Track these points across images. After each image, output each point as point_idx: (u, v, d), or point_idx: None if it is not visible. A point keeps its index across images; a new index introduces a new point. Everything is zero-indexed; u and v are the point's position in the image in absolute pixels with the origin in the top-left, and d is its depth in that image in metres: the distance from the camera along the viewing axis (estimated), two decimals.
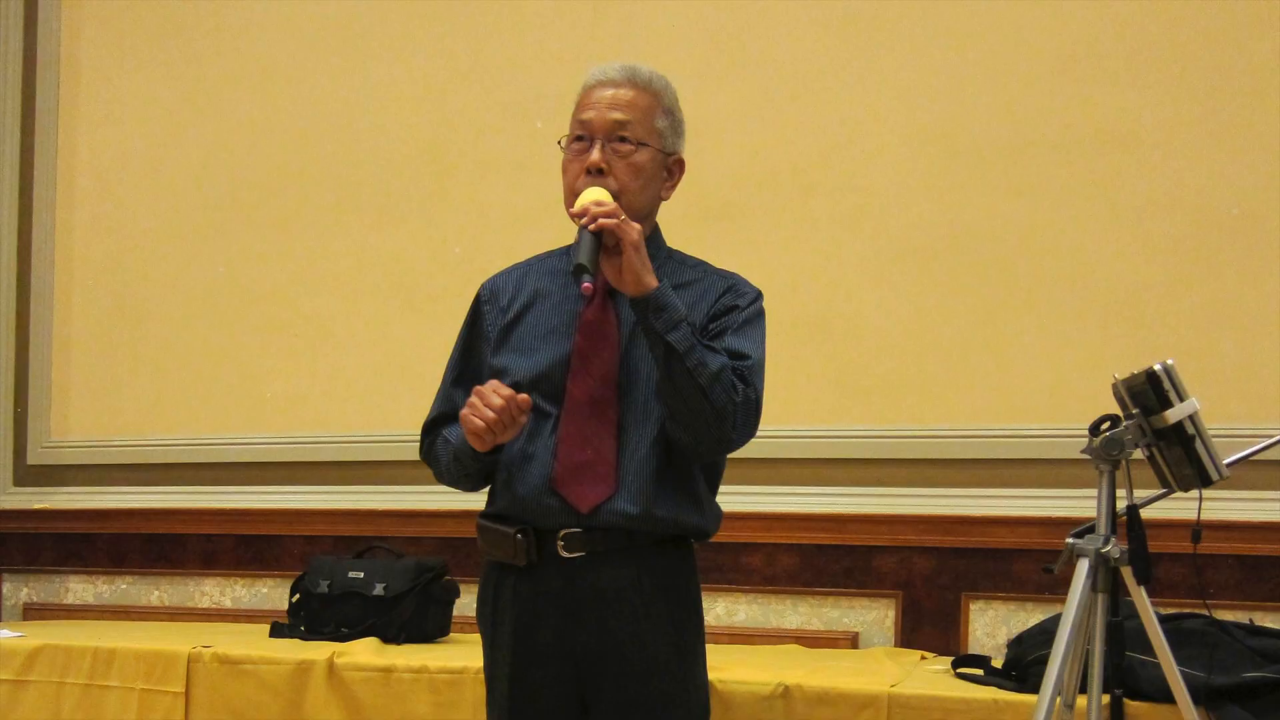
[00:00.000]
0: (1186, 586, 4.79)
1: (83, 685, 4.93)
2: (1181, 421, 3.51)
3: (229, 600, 6.41)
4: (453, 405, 3.55)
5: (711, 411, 3.24)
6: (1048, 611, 4.90)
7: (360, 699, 4.57)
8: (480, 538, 3.51)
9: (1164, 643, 3.56)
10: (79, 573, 6.71)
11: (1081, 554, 3.59)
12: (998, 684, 4.15)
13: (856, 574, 5.37)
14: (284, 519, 6.30)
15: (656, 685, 3.37)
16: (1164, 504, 3.73)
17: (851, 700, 4.10)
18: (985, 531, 5.20)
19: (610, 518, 3.34)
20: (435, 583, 5.27)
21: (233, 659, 4.78)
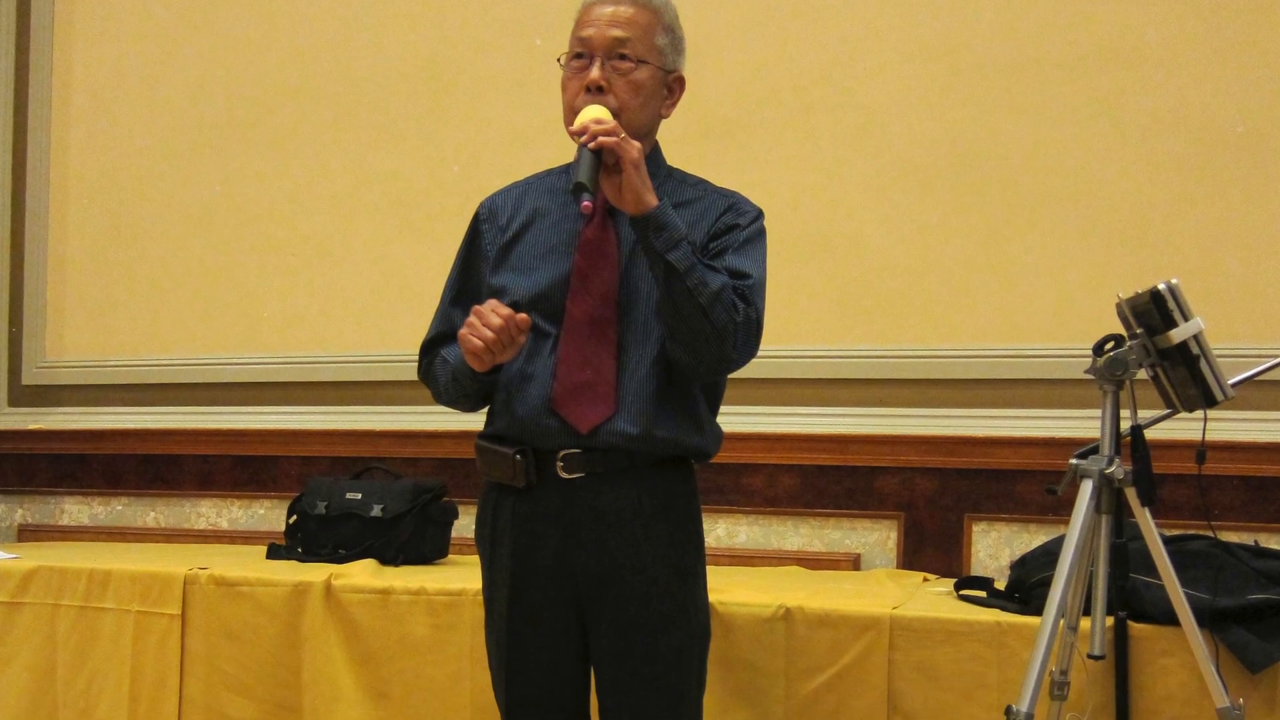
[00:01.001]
0: (1191, 508, 4.77)
1: (78, 607, 4.92)
2: (1186, 341, 3.51)
3: (225, 522, 6.40)
4: (451, 325, 3.54)
5: (712, 331, 3.23)
6: (1051, 533, 4.91)
7: (358, 621, 4.55)
8: (479, 459, 3.50)
9: (1168, 564, 3.54)
10: (74, 494, 6.70)
11: (1085, 475, 3.58)
12: (1000, 606, 4.12)
13: (858, 495, 5.35)
14: (281, 440, 6.28)
15: (656, 607, 3.36)
16: (1168, 424, 3.73)
17: (853, 622, 4.08)
18: (988, 452, 5.17)
19: (610, 438, 3.33)
20: (433, 504, 5.25)
21: (229, 581, 4.76)
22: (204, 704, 4.70)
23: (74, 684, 4.88)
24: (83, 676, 4.87)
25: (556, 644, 3.44)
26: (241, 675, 4.68)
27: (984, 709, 3.92)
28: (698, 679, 3.49)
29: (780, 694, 4.13)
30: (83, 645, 4.89)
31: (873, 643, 4.04)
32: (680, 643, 3.39)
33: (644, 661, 3.37)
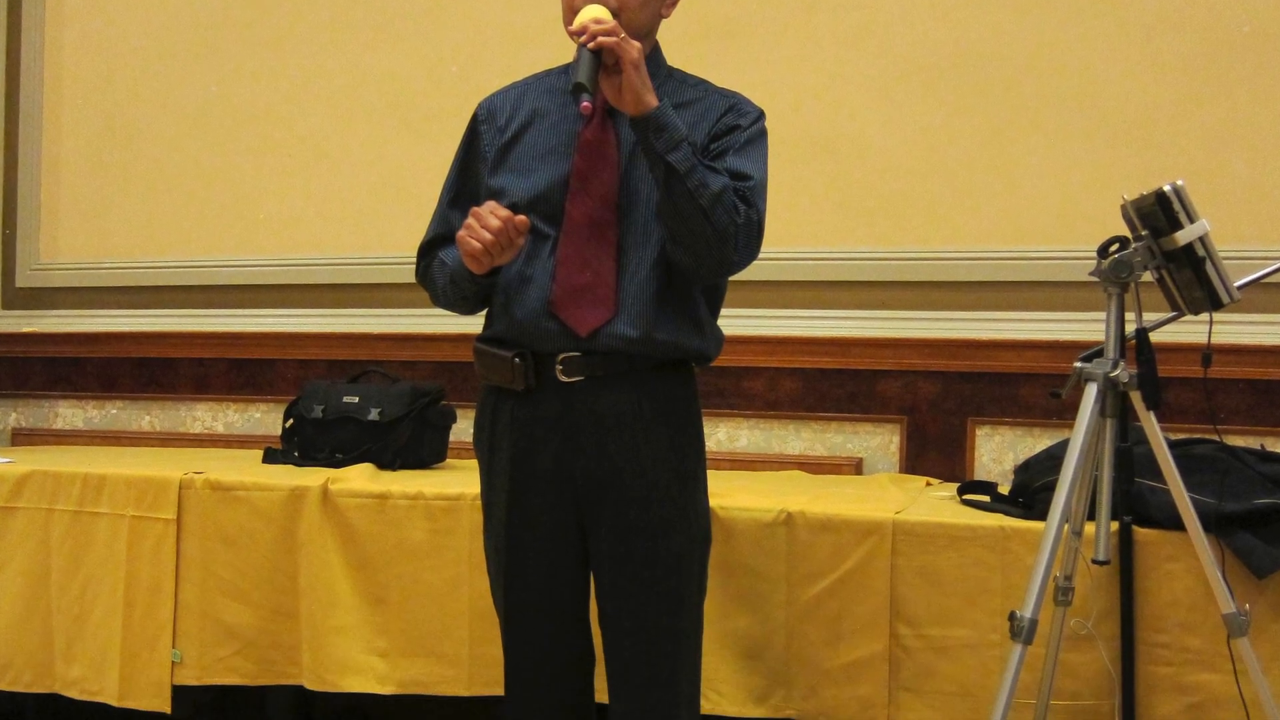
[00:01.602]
0: (1196, 411, 4.76)
1: (72, 512, 4.88)
2: (1191, 243, 3.49)
3: (221, 425, 6.37)
4: (449, 227, 3.54)
5: (713, 233, 3.21)
6: (1055, 437, 4.88)
7: (355, 526, 4.53)
8: (477, 362, 3.49)
9: (1174, 469, 3.53)
10: (68, 397, 6.68)
11: (1090, 378, 3.57)
12: (1004, 511, 4.10)
13: (860, 399, 5.32)
14: (277, 342, 6.24)
15: (656, 511, 3.36)
16: (1174, 327, 3.73)
17: (855, 527, 4.06)
18: (991, 355, 5.14)
19: (610, 341, 3.32)
20: (431, 408, 5.22)
21: (225, 485, 4.73)
22: (199, 609, 4.68)
23: (68, 589, 4.86)
24: (77, 582, 4.84)
25: (555, 549, 3.44)
26: (237, 580, 4.65)
27: (987, 614, 3.91)
28: (698, 584, 3.48)
29: (781, 599, 4.12)
30: (77, 550, 4.86)
31: (875, 548, 4.03)
32: (680, 547, 3.39)
33: (644, 566, 3.37)
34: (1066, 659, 3.81)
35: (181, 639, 4.69)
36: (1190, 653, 3.78)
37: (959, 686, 3.93)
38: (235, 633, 4.66)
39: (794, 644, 4.10)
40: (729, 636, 4.14)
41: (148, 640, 4.73)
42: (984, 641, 3.91)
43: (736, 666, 4.14)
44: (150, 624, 4.73)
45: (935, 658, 3.97)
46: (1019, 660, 3.42)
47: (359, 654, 4.48)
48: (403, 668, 4.47)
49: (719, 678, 4.11)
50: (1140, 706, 3.80)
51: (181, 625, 4.70)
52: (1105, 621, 3.82)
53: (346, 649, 4.49)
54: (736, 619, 4.14)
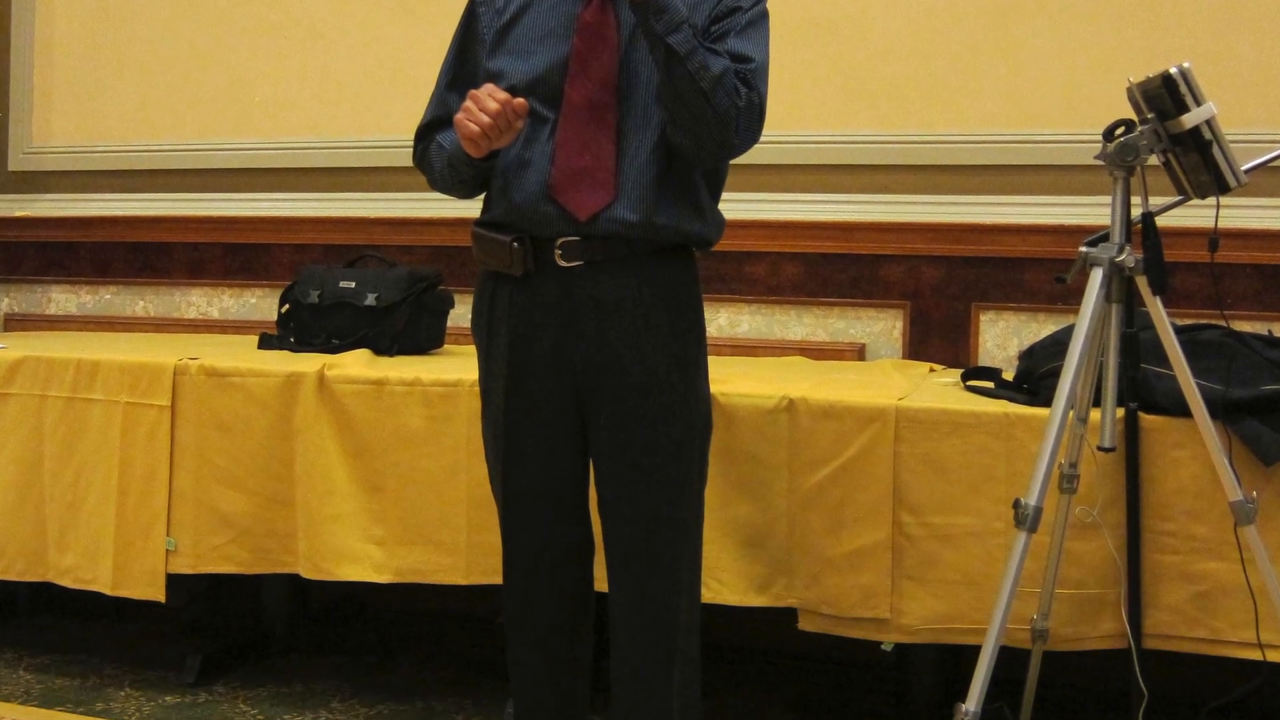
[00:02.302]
0: (1203, 296, 4.73)
1: (65, 398, 4.85)
2: (1198, 126, 3.44)
3: (216, 311, 6.33)
4: (447, 110, 3.51)
5: (713, 116, 3.19)
6: (1060, 322, 4.85)
7: (351, 412, 4.49)
8: (475, 246, 3.47)
9: (1180, 354, 3.50)
10: (62, 282, 6.64)
11: (1095, 263, 3.54)
12: (1009, 397, 4.07)
13: (863, 284, 5.27)
14: (273, 227, 6.20)
15: (656, 398, 3.35)
16: (1180, 211, 3.69)
17: (858, 414, 4.03)
18: (996, 240, 5.09)
19: (609, 226, 3.29)
20: (429, 293, 5.18)
21: (220, 371, 4.69)
22: (194, 497, 4.67)
23: (61, 476, 4.84)
24: (70, 469, 4.82)
25: (554, 435, 3.43)
26: (232, 468, 4.63)
27: (991, 502, 3.89)
28: (699, 471, 3.47)
29: (783, 487, 4.10)
30: (70, 437, 4.84)
31: (878, 434, 4.00)
32: (680, 434, 3.38)
33: (643, 453, 3.36)
34: (1071, 547, 3.80)
35: (176, 527, 4.68)
36: (1197, 541, 3.77)
37: (963, 575, 3.92)
38: (230, 521, 4.64)
39: (796, 532, 4.08)
40: (730, 524, 4.12)
41: (141, 528, 4.71)
42: (988, 529, 3.89)
43: (737, 555, 4.12)
44: (144, 512, 4.71)
45: (939, 546, 3.95)
46: (1023, 548, 3.40)
47: (355, 542, 4.47)
48: (400, 556, 4.45)
49: (720, 566, 4.10)
50: (1146, 595, 3.79)
51: (176, 513, 4.68)
52: (1111, 509, 3.81)
53: (343, 537, 4.47)
54: (737, 507, 4.13)
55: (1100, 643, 3.87)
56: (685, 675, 3.46)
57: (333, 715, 4.77)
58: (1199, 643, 3.81)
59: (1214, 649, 3.80)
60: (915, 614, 3.97)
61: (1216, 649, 3.79)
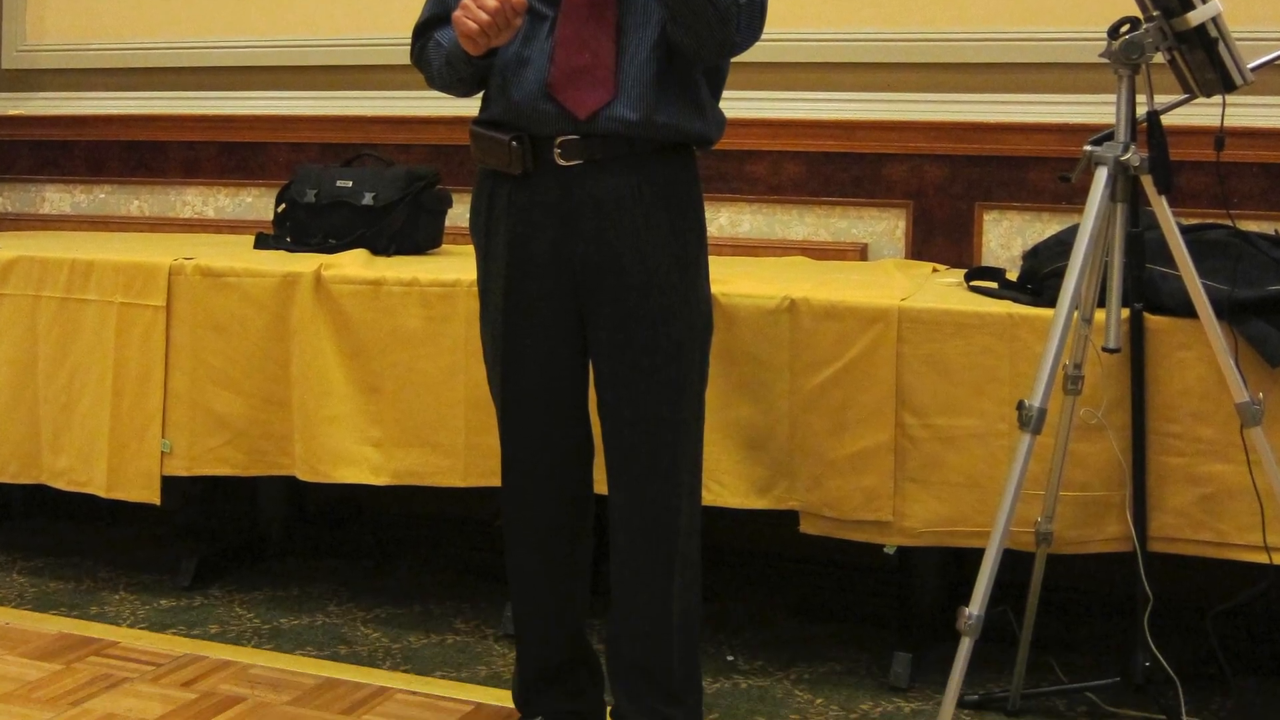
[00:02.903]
0: (1209, 196, 4.67)
1: (59, 299, 4.82)
2: (1204, 24, 3.42)
3: (212, 210, 6.29)
4: (445, 7, 3.45)
5: (714, 13, 3.15)
6: (1064, 222, 4.79)
7: (348, 312, 4.46)
8: (474, 145, 3.43)
9: (1185, 254, 3.47)
10: (56, 181, 6.59)
11: (1100, 162, 3.51)
12: (1012, 297, 4.04)
13: (865, 183, 5.22)
14: (269, 125, 6.14)
15: (656, 298, 3.33)
16: (1186, 110, 3.66)
17: (860, 314, 4.01)
18: (1000, 138, 5.04)
19: (609, 124, 3.26)
20: (427, 192, 5.13)
21: (216, 271, 4.66)
22: (189, 398, 4.65)
23: (55, 377, 4.83)
24: (64, 371, 4.80)
25: (553, 336, 3.42)
26: (228, 369, 4.61)
27: (995, 403, 3.87)
28: (699, 373, 3.46)
29: (785, 387, 4.08)
30: (64, 338, 4.81)
31: (880, 335, 3.97)
32: (681, 335, 3.37)
33: (643, 354, 3.35)
34: (1076, 449, 3.77)
35: (171, 429, 4.66)
36: (1202, 443, 3.75)
37: (966, 477, 3.90)
38: (226, 422, 4.63)
39: (797, 434, 4.06)
40: (731, 426, 4.10)
41: (136, 430, 4.70)
42: (992, 431, 3.87)
43: (739, 457, 4.10)
44: (139, 414, 4.70)
45: (942, 448, 3.93)
46: (1027, 450, 3.38)
47: (352, 444, 4.45)
48: (397, 458, 4.44)
49: (720, 468, 4.08)
50: (1151, 498, 3.78)
51: (171, 415, 4.67)
52: (1116, 411, 3.78)
53: (340, 439, 4.46)
54: (738, 408, 4.10)
55: (1105, 546, 3.86)
56: (685, 578, 3.45)
57: (329, 619, 4.77)
58: (1204, 546, 3.80)
59: (1220, 552, 3.79)
60: (918, 517, 3.96)
61: (1222, 552, 3.78)
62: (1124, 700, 3.98)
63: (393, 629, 4.68)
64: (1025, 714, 4.01)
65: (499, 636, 4.58)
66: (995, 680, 4.17)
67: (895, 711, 4.07)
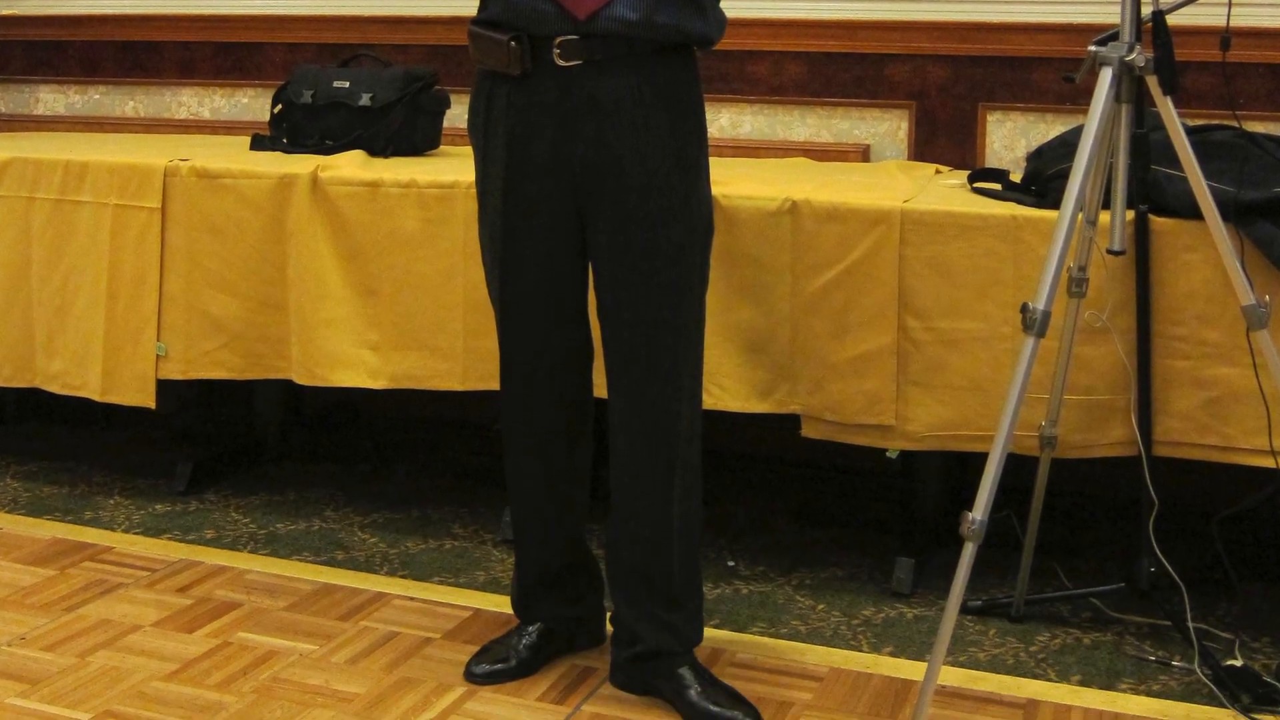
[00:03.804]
0: (1215, 97, 4.64)
1: (54, 200, 4.79)
2: None
3: (207, 111, 6.24)
4: None
5: None
6: (1069, 123, 4.76)
7: (345, 214, 4.43)
8: (471, 45, 3.40)
9: (1191, 155, 3.42)
10: (49, 82, 6.55)
11: (1104, 62, 3.44)
12: (1016, 199, 4.01)
13: (867, 83, 5.18)
14: (265, 25, 6.08)
15: (656, 199, 3.31)
16: (1191, 10, 3.58)
17: (862, 216, 3.97)
18: (1003, 38, 4.99)
19: (608, 24, 3.22)
20: (424, 92, 5.09)
21: (211, 172, 4.63)
22: (185, 301, 4.63)
23: (50, 280, 4.80)
24: (59, 273, 4.78)
25: (552, 238, 3.39)
26: (224, 271, 4.59)
27: (998, 306, 3.84)
28: (699, 275, 3.44)
29: (786, 290, 4.05)
30: (59, 240, 4.79)
31: (883, 237, 3.94)
32: (681, 237, 3.34)
33: (643, 257, 3.32)
34: (1080, 352, 3.75)
35: (166, 332, 4.64)
36: (1208, 346, 3.72)
37: (969, 380, 3.88)
38: (222, 325, 4.61)
39: (799, 337, 4.04)
40: (732, 329, 4.07)
41: (131, 333, 4.68)
42: (995, 334, 3.85)
43: (739, 360, 4.08)
44: (134, 316, 4.68)
45: (945, 351, 3.90)
46: (1031, 353, 3.33)
47: (350, 347, 4.43)
48: (395, 361, 4.42)
49: (721, 372, 4.06)
50: (1157, 401, 3.76)
51: (166, 318, 4.65)
52: (1121, 314, 3.76)
53: (337, 342, 4.44)
54: (739, 311, 4.08)
55: (1109, 450, 3.85)
56: (686, 482, 3.44)
57: (326, 524, 4.77)
58: (1210, 450, 3.78)
59: (1225, 456, 3.77)
60: (921, 420, 3.95)
61: (1228, 456, 3.76)
62: (1128, 606, 3.99)
63: (390, 534, 4.67)
64: (1029, 620, 4.01)
65: (497, 542, 4.57)
66: (999, 586, 4.18)
67: (898, 617, 4.06)
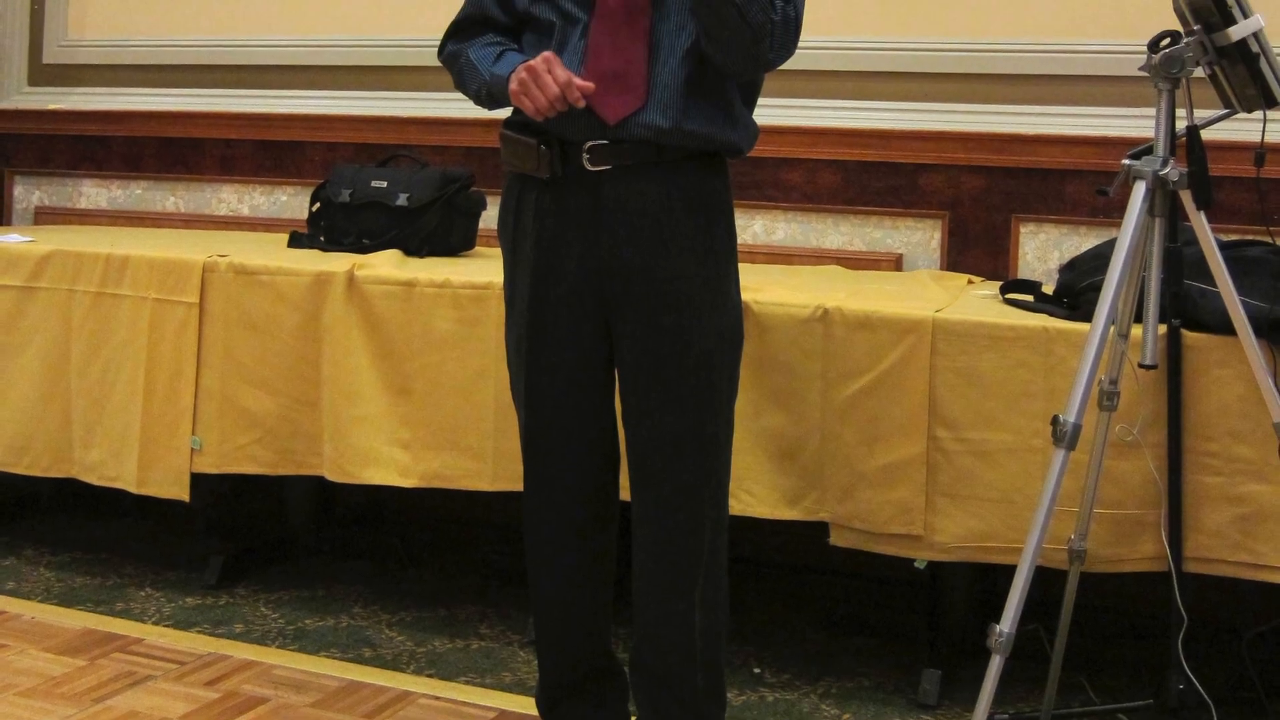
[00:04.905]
0: (1248, 212, 4.63)
1: (94, 293, 4.84)
2: (1245, 39, 3.40)
3: (247, 208, 6.29)
4: (481, 9, 3.47)
5: (748, 30, 3.13)
6: (1102, 236, 4.77)
7: (380, 313, 4.46)
8: (503, 148, 3.42)
9: (1224, 271, 3.45)
10: (93, 176, 6.62)
11: (1138, 176, 3.49)
12: (1048, 311, 4.03)
13: (902, 193, 5.20)
14: (305, 124, 6.15)
15: (683, 307, 3.31)
16: (1226, 125, 3.64)
17: (894, 325, 3.99)
18: (1037, 150, 5.01)
19: (639, 130, 3.23)
20: (460, 194, 5.14)
21: (249, 269, 4.67)
22: (221, 395, 4.66)
23: (88, 373, 4.85)
24: (97, 365, 4.82)
25: (579, 343, 3.39)
26: (259, 367, 4.62)
27: (1029, 418, 3.84)
28: (728, 382, 3.42)
29: (817, 398, 4.06)
30: (98, 332, 4.83)
31: (914, 346, 3.95)
32: (709, 345, 3.33)
33: (669, 364, 3.32)
34: (1111, 466, 3.74)
35: (201, 426, 4.67)
36: (1240, 462, 3.72)
37: (999, 492, 3.88)
38: (256, 420, 4.64)
39: (829, 445, 4.04)
40: (762, 436, 4.08)
41: (167, 426, 4.72)
42: (1025, 446, 3.85)
43: (769, 467, 4.09)
44: (170, 410, 4.71)
45: (975, 462, 3.90)
46: (1061, 466, 3.35)
47: (381, 445, 4.45)
48: (425, 460, 4.44)
49: (750, 478, 4.07)
50: (1187, 517, 3.75)
51: (202, 412, 4.69)
52: (1152, 428, 3.76)
53: (369, 440, 4.46)
54: (770, 418, 4.08)
55: (1139, 565, 3.84)
56: (710, 590, 3.41)
57: (354, 620, 4.77)
58: (1241, 567, 3.76)
59: (1256, 574, 3.76)
60: (949, 531, 3.94)
61: (1259, 574, 3.75)
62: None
63: (417, 632, 4.67)
64: None
65: (524, 643, 4.57)
66: (1026, 699, 4.15)
67: None
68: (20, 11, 6.80)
